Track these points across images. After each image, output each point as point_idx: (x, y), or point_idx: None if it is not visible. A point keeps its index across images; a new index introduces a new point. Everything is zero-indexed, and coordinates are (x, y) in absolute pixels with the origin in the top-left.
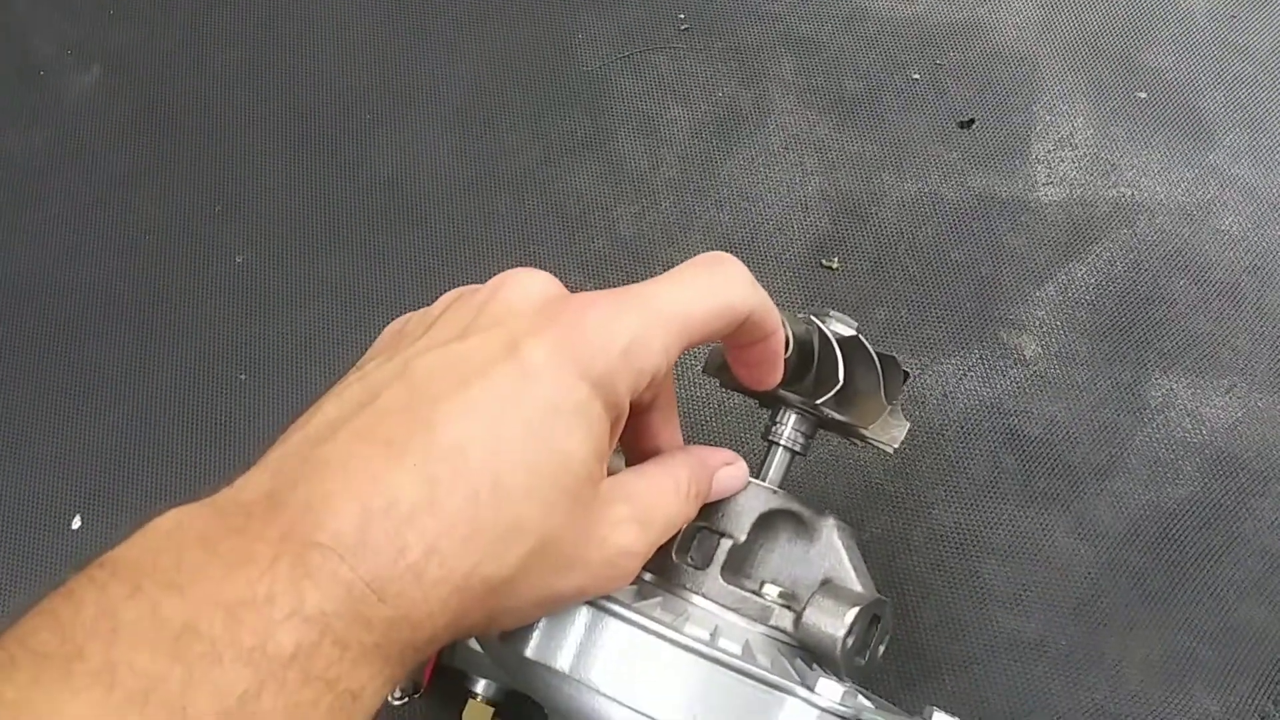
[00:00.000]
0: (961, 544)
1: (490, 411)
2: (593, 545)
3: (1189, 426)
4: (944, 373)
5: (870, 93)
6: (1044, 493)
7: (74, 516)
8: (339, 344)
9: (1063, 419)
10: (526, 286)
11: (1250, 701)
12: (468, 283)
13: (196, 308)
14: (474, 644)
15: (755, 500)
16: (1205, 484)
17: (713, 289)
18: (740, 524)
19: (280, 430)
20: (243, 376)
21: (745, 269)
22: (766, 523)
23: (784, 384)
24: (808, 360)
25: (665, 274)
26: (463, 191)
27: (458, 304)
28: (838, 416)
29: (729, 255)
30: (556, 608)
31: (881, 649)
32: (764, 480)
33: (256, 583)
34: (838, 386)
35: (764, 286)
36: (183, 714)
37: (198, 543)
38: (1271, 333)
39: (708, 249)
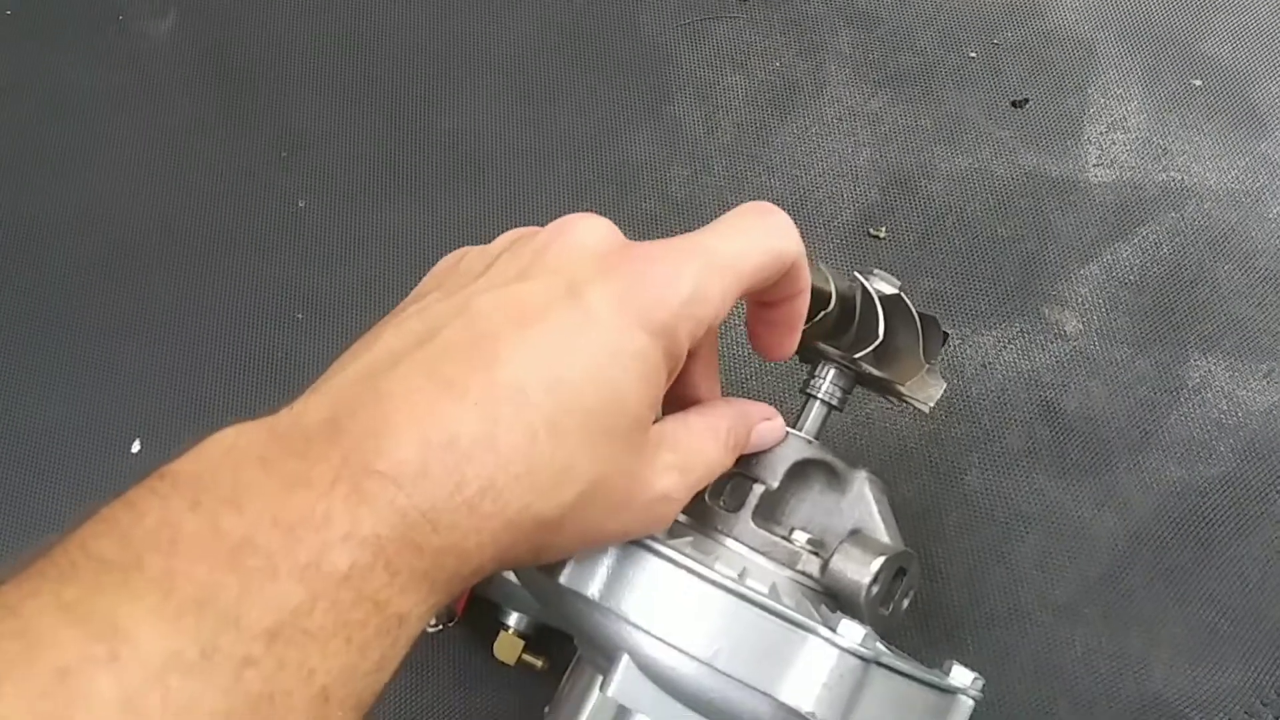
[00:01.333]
0: (991, 510)
1: (550, 353)
2: (638, 489)
3: (1225, 408)
4: (984, 344)
5: (926, 69)
6: (1076, 465)
7: (134, 440)
8: (393, 289)
9: (1099, 394)
10: (587, 233)
11: (1269, 677)
12: None
13: (258, 248)
14: (510, 575)
15: (790, 449)
16: (1238, 464)
17: (766, 236)
18: (774, 471)
19: None
20: (299, 315)
21: (789, 218)
22: (800, 472)
23: (825, 339)
24: (849, 315)
25: (718, 222)
26: (520, 150)
27: (518, 244)
28: (875, 372)
29: (774, 205)
30: (598, 545)
31: (906, 603)
32: (800, 432)
33: (315, 504)
34: (877, 342)
35: (811, 251)
36: (236, 623)
37: (256, 463)
38: None
39: None
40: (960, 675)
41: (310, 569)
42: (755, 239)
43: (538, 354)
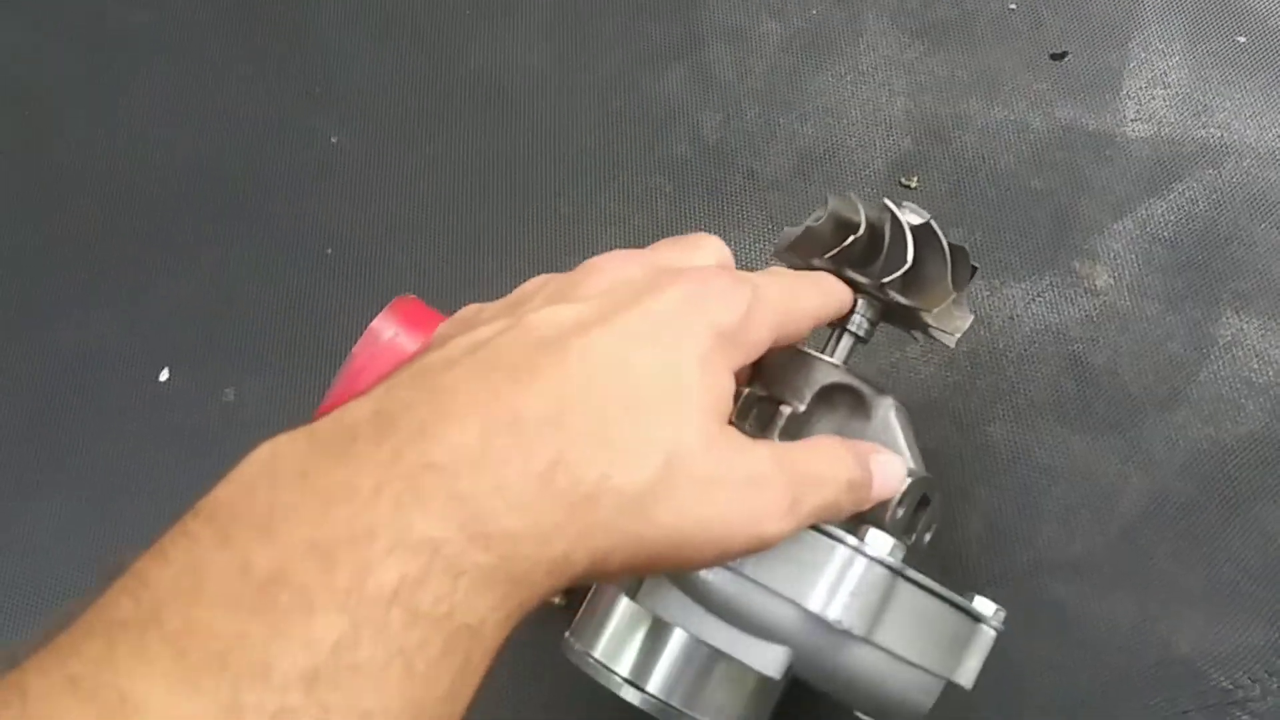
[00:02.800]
0: (1014, 461)
1: (617, 347)
2: (728, 469)
3: (1256, 366)
4: (1013, 296)
5: (965, 19)
6: (1102, 419)
7: (163, 369)
8: (424, 227)
9: (1128, 349)
10: (625, 267)
11: None
12: (553, 178)
13: (290, 183)
14: None
15: (818, 372)
16: (1267, 424)
17: (802, 294)
18: (802, 394)
19: (362, 303)
20: (329, 251)
21: (842, 286)
22: (826, 396)
23: (854, 266)
24: (878, 243)
25: (769, 271)
26: (552, 89)
27: (552, 282)
28: (903, 300)
29: (829, 276)
30: (698, 556)
31: (928, 537)
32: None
33: (355, 518)
34: (905, 266)
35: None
36: (265, 673)
37: (294, 478)
38: None
39: (789, 160)
40: (983, 605)
41: (352, 594)
42: (802, 299)
43: (603, 349)
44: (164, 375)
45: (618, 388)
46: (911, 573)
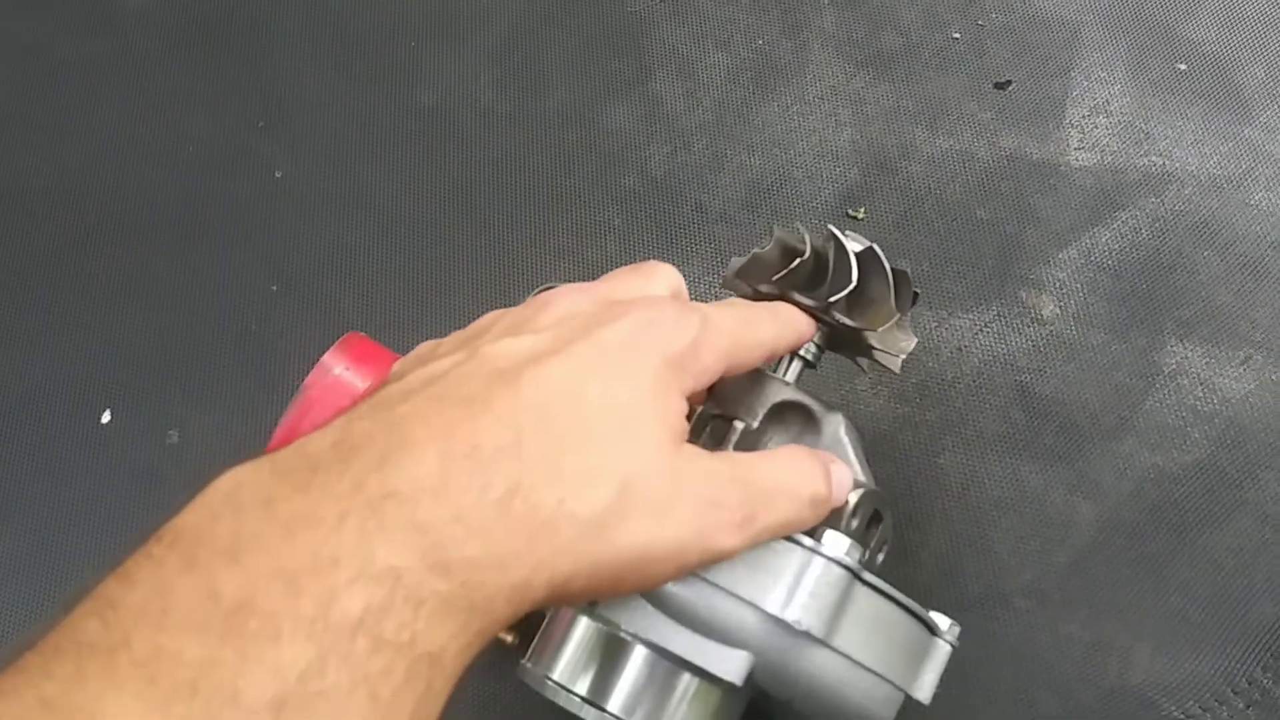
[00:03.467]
0: (964, 494)
1: (571, 377)
2: (684, 491)
3: (1200, 395)
4: (960, 327)
5: (909, 49)
6: (1050, 450)
7: (104, 410)
8: (371, 263)
9: (1075, 379)
10: (576, 302)
11: (1240, 667)
12: (501, 211)
13: (235, 218)
14: None
15: (770, 390)
16: (1212, 452)
17: (753, 325)
18: (754, 411)
19: (308, 339)
20: (274, 287)
21: (802, 316)
22: (778, 413)
23: (800, 290)
24: (823, 266)
25: (726, 302)
26: (501, 122)
27: (506, 317)
28: (848, 322)
29: (788, 306)
30: (659, 573)
31: (880, 557)
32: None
33: (320, 546)
34: (850, 286)
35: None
36: (234, 700)
37: (258, 505)
38: None
39: (737, 192)
40: (939, 618)
41: (317, 622)
42: (757, 327)
43: (556, 379)
44: (106, 417)
45: (572, 415)
46: (868, 576)
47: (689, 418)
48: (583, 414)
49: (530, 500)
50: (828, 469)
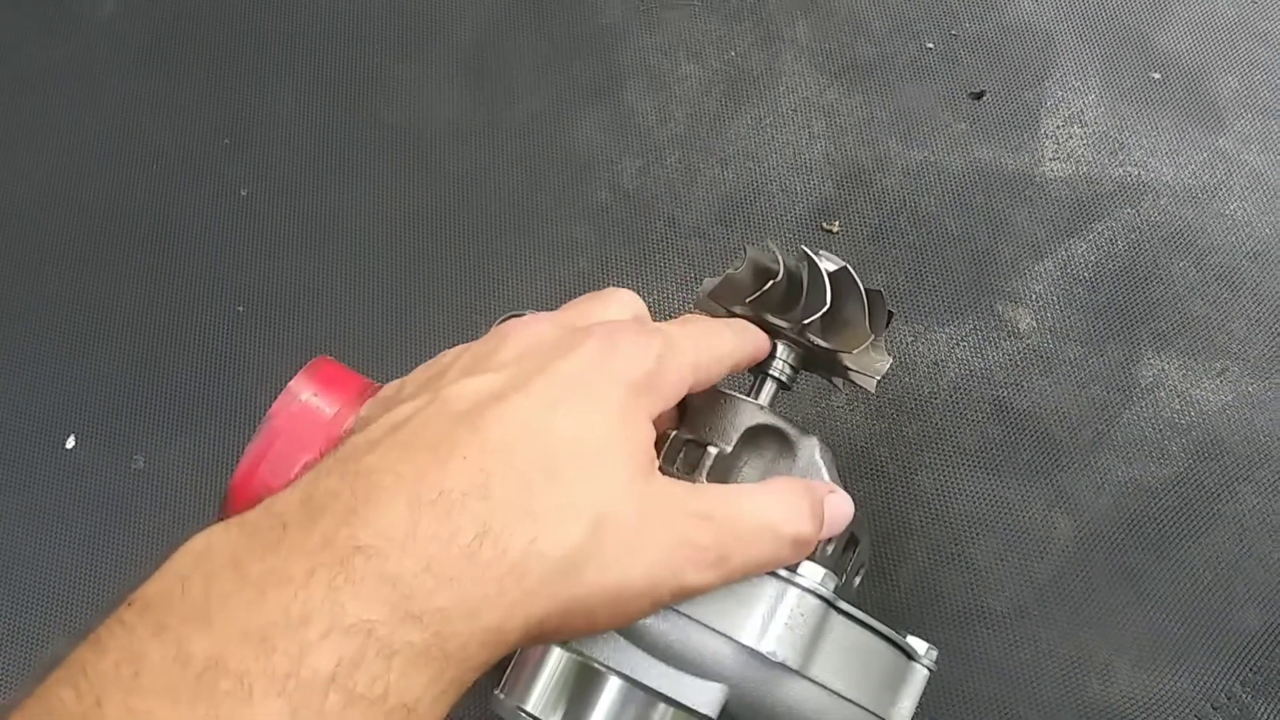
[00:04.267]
0: (942, 511)
1: (533, 413)
2: (657, 527)
3: (1178, 407)
4: (936, 341)
5: (883, 59)
6: (1028, 465)
7: (68, 436)
8: (338, 283)
9: (1052, 393)
10: (536, 329)
11: (1219, 681)
12: (469, 227)
13: (199, 238)
14: None
15: (744, 414)
16: (1190, 465)
17: (713, 340)
18: (728, 436)
19: (275, 361)
20: (240, 308)
21: (757, 330)
22: (752, 438)
23: (774, 312)
24: (797, 288)
25: (682, 319)
26: (470, 136)
27: (466, 354)
28: (823, 343)
29: (743, 321)
30: (633, 609)
31: (857, 581)
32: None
33: (290, 602)
34: (824, 308)
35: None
36: None
37: (228, 566)
38: (1268, 319)
39: (710, 207)
40: (916, 643)
41: (290, 679)
42: (715, 342)
43: (521, 417)
44: (70, 443)
45: (538, 453)
46: (844, 605)
47: (657, 442)
48: (549, 450)
49: (500, 543)
50: (819, 507)
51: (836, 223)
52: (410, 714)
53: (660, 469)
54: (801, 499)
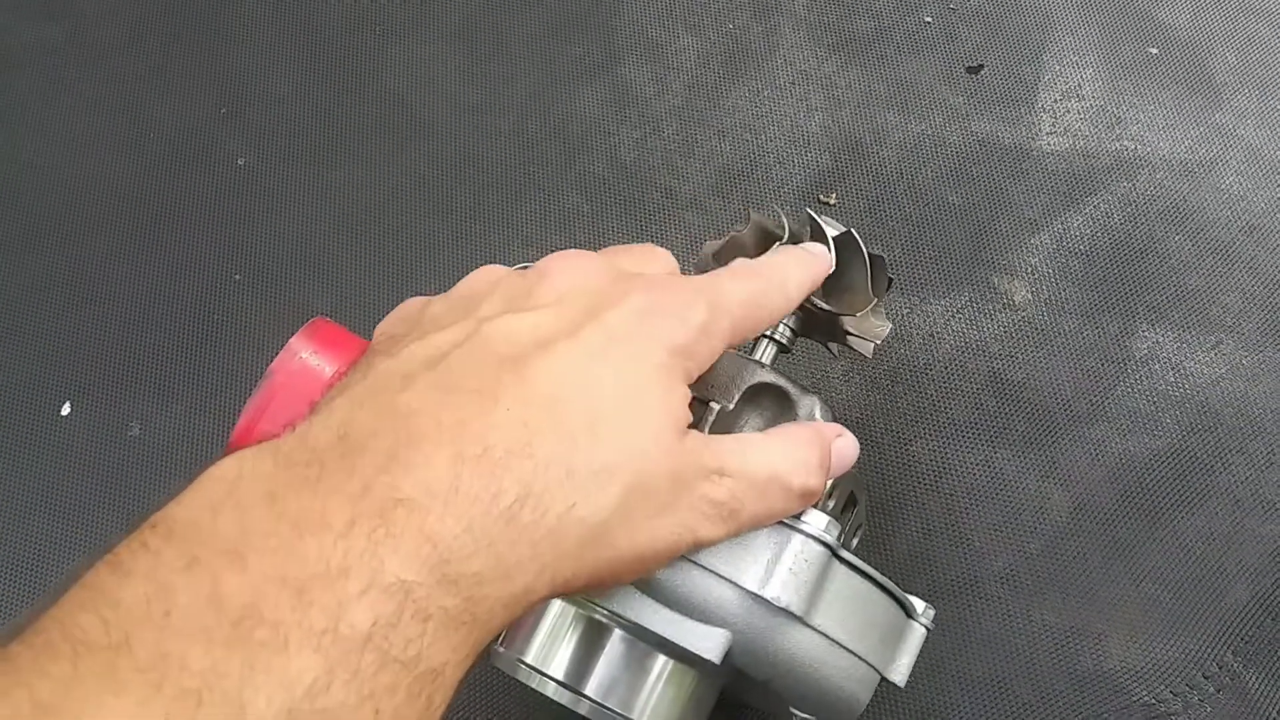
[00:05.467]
0: (937, 481)
1: (580, 366)
2: (683, 490)
3: (1172, 379)
4: (932, 313)
5: (881, 32)
6: (1022, 436)
7: (64, 403)
8: (336, 252)
9: (1047, 365)
10: (582, 268)
11: (1210, 650)
12: (465, 199)
13: (197, 207)
14: None
15: (746, 371)
16: (1183, 437)
17: (756, 298)
18: (730, 393)
19: (272, 330)
20: (237, 277)
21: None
22: (754, 395)
23: None
24: None
25: (726, 270)
26: (467, 109)
27: (505, 283)
28: (824, 306)
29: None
30: (654, 565)
31: (855, 541)
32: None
33: (330, 551)
34: (829, 270)
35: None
36: (241, 713)
37: (263, 500)
38: (1262, 292)
39: (707, 178)
40: (915, 602)
41: (327, 635)
42: (759, 294)
43: (567, 367)
44: (65, 409)
45: (581, 408)
46: (846, 554)
47: None
48: (592, 406)
49: (540, 507)
50: (827, 453)
51: (833, 195)
52: (437, 678)
53: None
54: (810, 449)
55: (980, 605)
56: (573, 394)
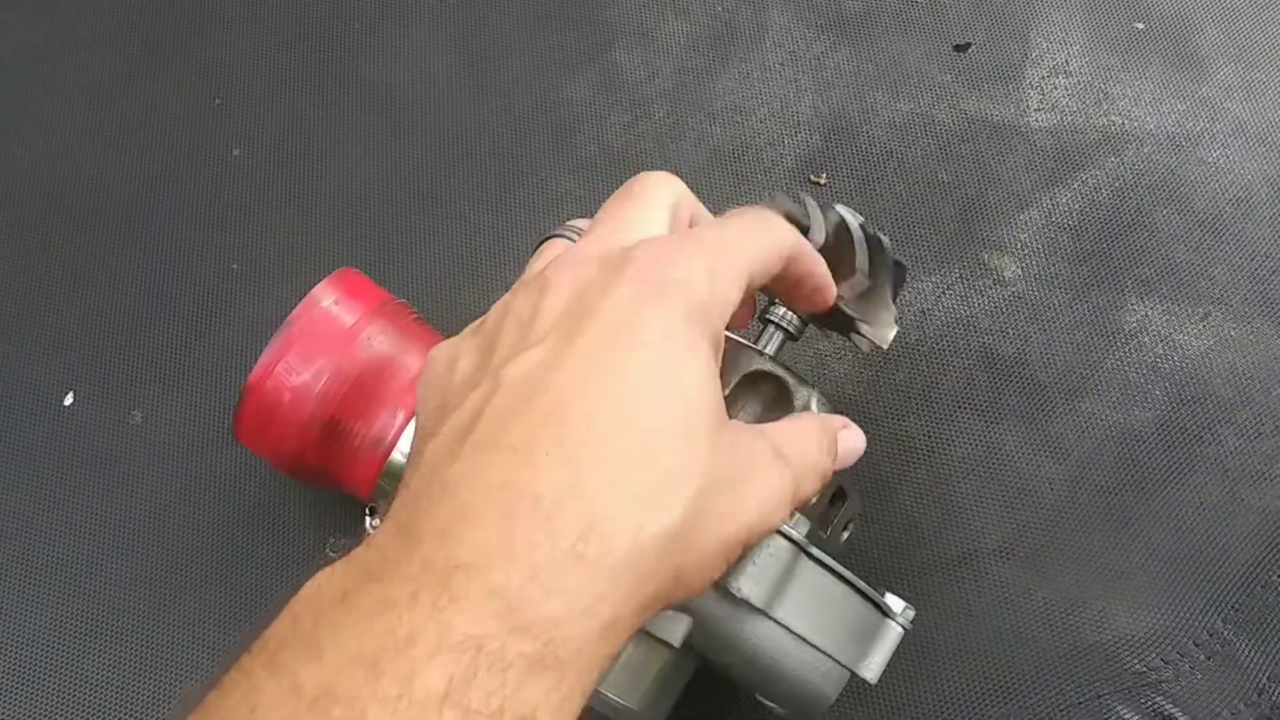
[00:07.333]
0: (929, 455)
1: (605, 384)
2: (744, 478)
3: (1161, 352)
4: (924, 290)
5: (869, 12)
6: (1013, 410)
7: (67, 393)
8: (331, 239)
9: (1037, 339)
10: (576, 274)
11: (1201, 618)
12: (458, 185)
13: (194, 197)
14: None
15: (744, 358)
16: (1173, 408)
17: (762, 232)
18: (727, 378)
19: (270, 317)
20: (234, 266)
21: (783, 220)
22: (752, 382)
23: None
24: (828, 248)
25: (714, 220)
26: (457, 94)
27: (512, 313)
28: (849, 311)
29: (767, 210)
30: (732, 556)
31: (845, 535)
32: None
33: (396, 625)
34: (862, 281)
35: (752, 200)
36: None
37: (336, 600)
38: (1249, 264)
39: (698, 161)
40: (892, 601)
41: (402, 700)
42: (752, 233)
43: (592, 392)
44: (69, 399)
45: (621, 428)
46: (815, 551)
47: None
48: (631, 421)
49: (607, 537)
50: (835, 442)
51: (823, 175)
52: None
53: None
54: (821, 435)
55: (974, 579)
56: (608, 416)
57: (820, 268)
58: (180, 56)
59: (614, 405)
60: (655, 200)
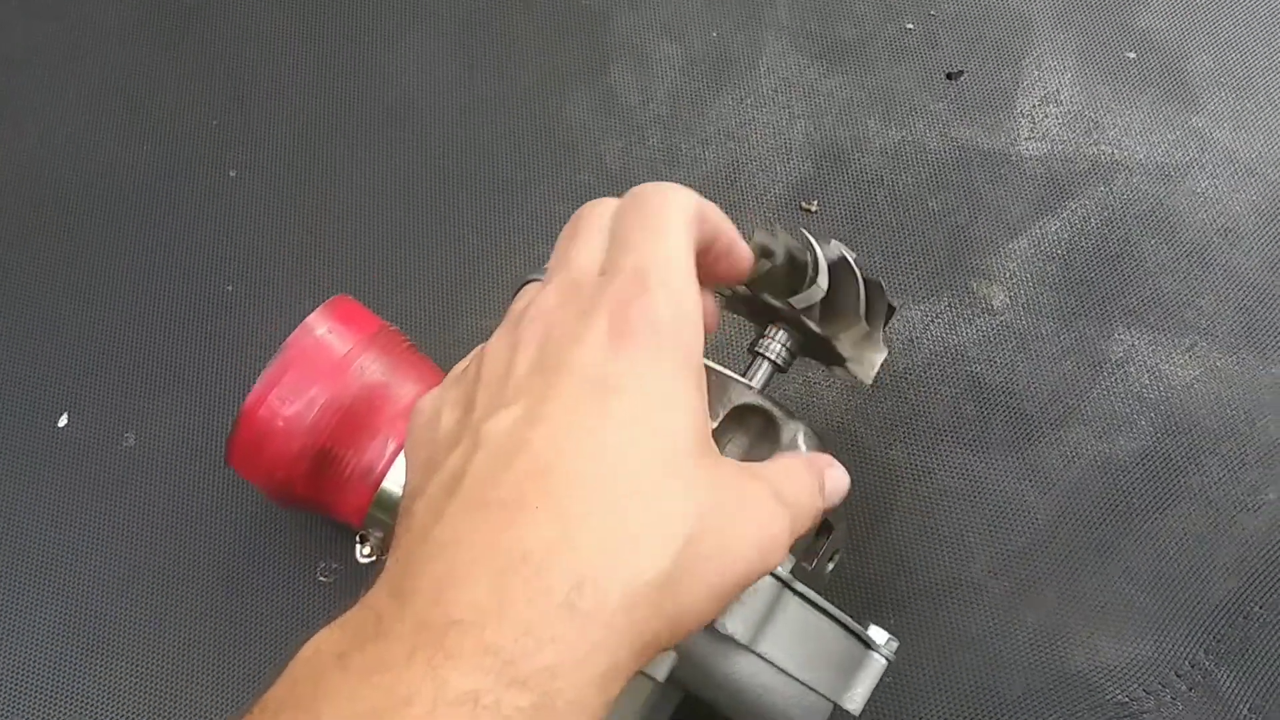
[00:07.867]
0: (915, 485)
1: (583, 435)
2: (738, 518)
3: (1147, 382)
4: (912, 318)
5: (863, 40)
6: (1000, 440)
7: (60, 415)
8: (326, 261)
9: (1024, 369)
10: (547, 321)
11: (1183, 649)
12: (458, 206)
13: (189, 218)
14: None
15: (732, 391)
16: (1158, 439)
17: (668, 205)
18: (714, 411)
19: (264, 340)
20: (229, 287)
21: (673, 185)
22: (739, 416)
23: (775, 294)
24: (800, 273)
25: (620, 239)
26: (456, 116)
27: (488, 363)
28: (817, 330)
29: (654, 184)
30: (730, 593)
31: (830, 566)
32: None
33: (393, 684)
34: (821, 295)
35: (743, 226)
36: None
37: (334, 662)
38: (1236, 295)
39: (691, 186)
40: (876, 633)
41: None
42: (660, 216)
43: (573, 442)
44: (62, 421)
45: (604, 479)
46: (799, 586)
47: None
48: (620, 473)
49: (599, 588)
50: (821, 485)
51: (815, 202)
52: None
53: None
54: (810, 475)
55: (959, 606)
56: (590, 468)
57: (726, 224)
58: (181, 73)
59: (594, 458)
60: (591, 233)
